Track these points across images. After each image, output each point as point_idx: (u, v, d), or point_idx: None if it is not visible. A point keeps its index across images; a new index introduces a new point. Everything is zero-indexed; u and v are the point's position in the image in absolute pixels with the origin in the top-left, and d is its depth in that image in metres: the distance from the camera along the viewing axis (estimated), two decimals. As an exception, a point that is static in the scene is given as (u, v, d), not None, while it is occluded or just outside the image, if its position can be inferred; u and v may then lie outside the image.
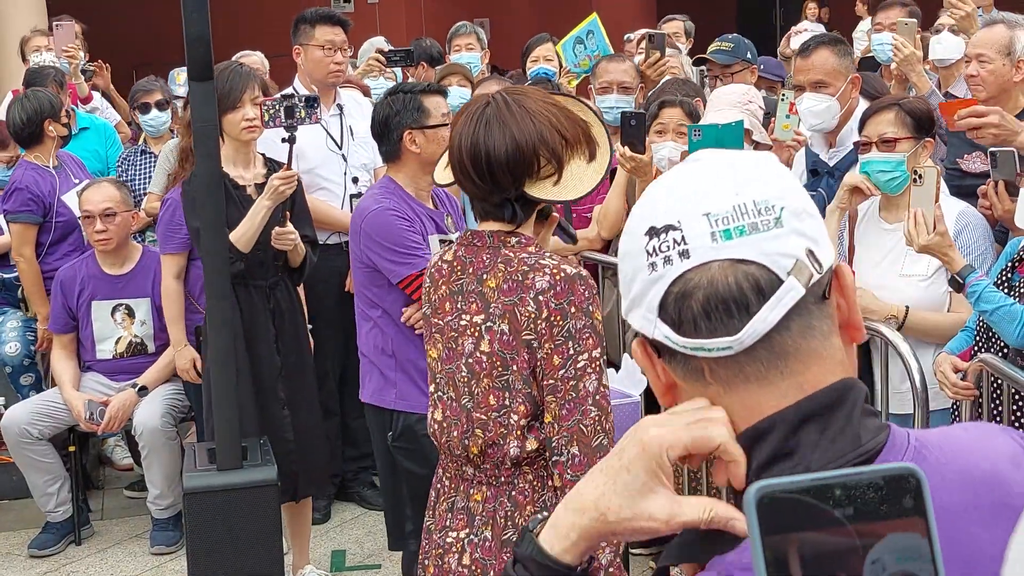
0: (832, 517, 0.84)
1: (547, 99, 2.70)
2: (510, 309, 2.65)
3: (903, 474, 0.87)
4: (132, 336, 5.46)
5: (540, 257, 2.65)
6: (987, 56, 4.69)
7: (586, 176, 2.65)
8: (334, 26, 5.69)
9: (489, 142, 2.62)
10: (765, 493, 0.84)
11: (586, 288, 2.61)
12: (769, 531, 0.83)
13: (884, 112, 3.98)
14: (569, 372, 2.60)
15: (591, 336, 2.60)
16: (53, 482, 5.41)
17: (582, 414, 2.60)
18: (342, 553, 5.31)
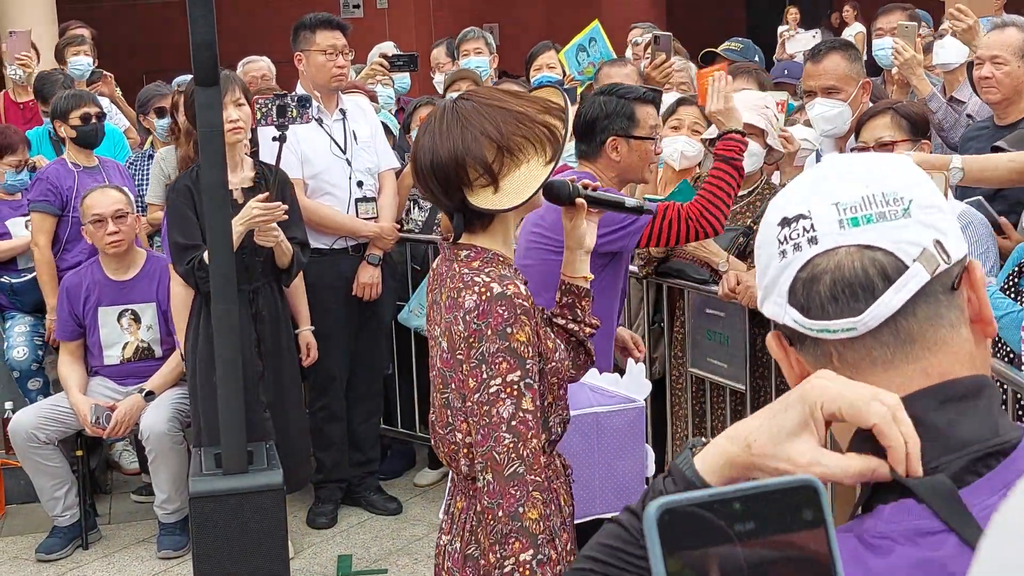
0: (733, 532, 0.83)
1: (500, 102, 2.61)
2: (448, 327, 2.62)
3: (801, 486, 0.86)
4: (139, 341, 5.47)
5: (476, 273, 2.59)
6: (1002, 58, 4.69)
7: (533, 178, 2.57)
8: (334, 30, 5.70)
9: (420, 154, 2.61)
10: (666, 509, 0.82)
11: (507, 309, 2.52)
12: (671, 548, 0.82)
13: (879, 116, 3.99)
14: (483, 397, 2.54)
15: (505, 360, 2.52)
16: (60, 486, 5.43)
17: (495, 440, 2.53)
18: (348, 558, 5.31)
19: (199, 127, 4.15)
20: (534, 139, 2.58)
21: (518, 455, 2.53)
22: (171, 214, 4.68)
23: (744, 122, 4.40)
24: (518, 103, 2.62)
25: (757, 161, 4.45)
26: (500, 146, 2.55)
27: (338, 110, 5.74)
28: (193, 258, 4.58)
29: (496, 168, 2.55)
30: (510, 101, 2.62)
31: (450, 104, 2.65)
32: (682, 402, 4.73)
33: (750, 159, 4.42)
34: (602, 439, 3.83)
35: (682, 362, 4.71)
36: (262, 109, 4.49)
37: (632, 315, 4.92)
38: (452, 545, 2.73)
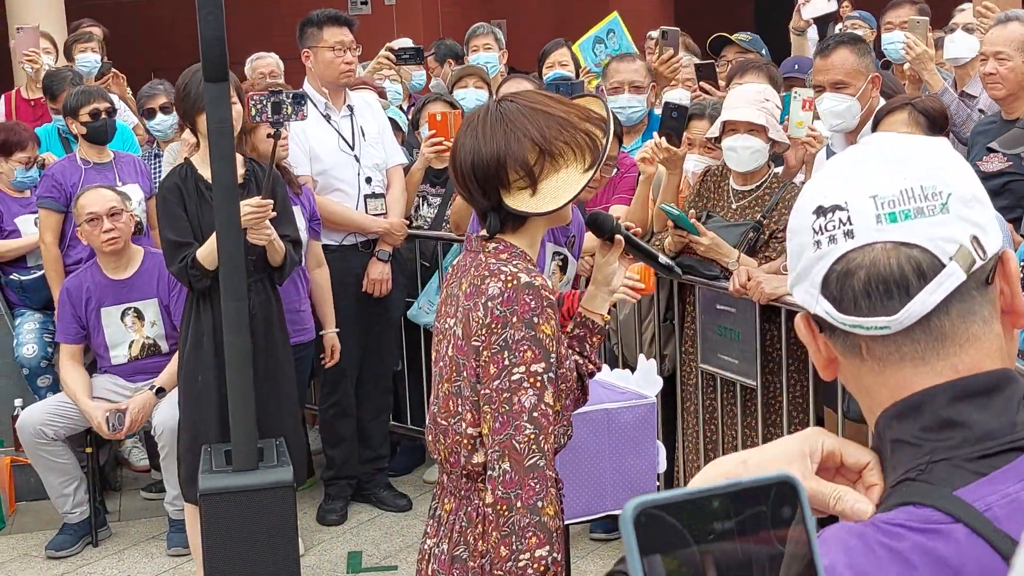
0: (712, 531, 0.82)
1: (544, 106, 2.61)
2: (467, 313, 2.59)
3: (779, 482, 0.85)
4: (144, 338, 5.46)
5: (504, 263, 2.58)
6: (1006, 54, 4.68)
7: (571, 184, 2.56)
8: (342, 26, 5.69)
9: (462, 153, 2.60)
10: (643, 510, 0.81)
11: (534, 299, 2.50)
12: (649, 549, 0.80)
13: (897, 112, 3.97)
14: (503, 384, 2.50)
15: (530, 349, 2.49)
16: (69, 483, 5.43)
17: (515, 429, 2.48)
18: (359, 554, 5.31)
19: (209, 123, 4.13)
20: (575, 145, 2.57)
21: (539, 447, 2.49)
22: (162, 212, 4.67)
23: (743, 119, 4.39)
24: (561, 109, 2.62)
25: (760, 157, 4.43)
26: (542, 149, 2.55)
27: (346, 106, 5.72)
28: (185, 256, 4.55)
29: (537, 171, 2.55)
30: (553, 106, 2.62)
31: (494, 105, 2.65)
32: (692, 398, 4.72)
33: (752, 155, 4.41)
34: (613, 435, 3.82)
35: (693, 358, 4.70)
36: (257, 106, 4.47)
37: (643, 312, 4.90)
38: (439, 547, 2.68)
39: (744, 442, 4.51)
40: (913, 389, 1.18)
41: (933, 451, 1.14)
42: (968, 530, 1.07)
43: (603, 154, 2.60)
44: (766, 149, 4.42)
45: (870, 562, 1.08)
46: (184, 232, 4.61)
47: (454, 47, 7.91)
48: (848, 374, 1.24)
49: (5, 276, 6.20)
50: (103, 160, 6.03)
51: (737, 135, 4.41)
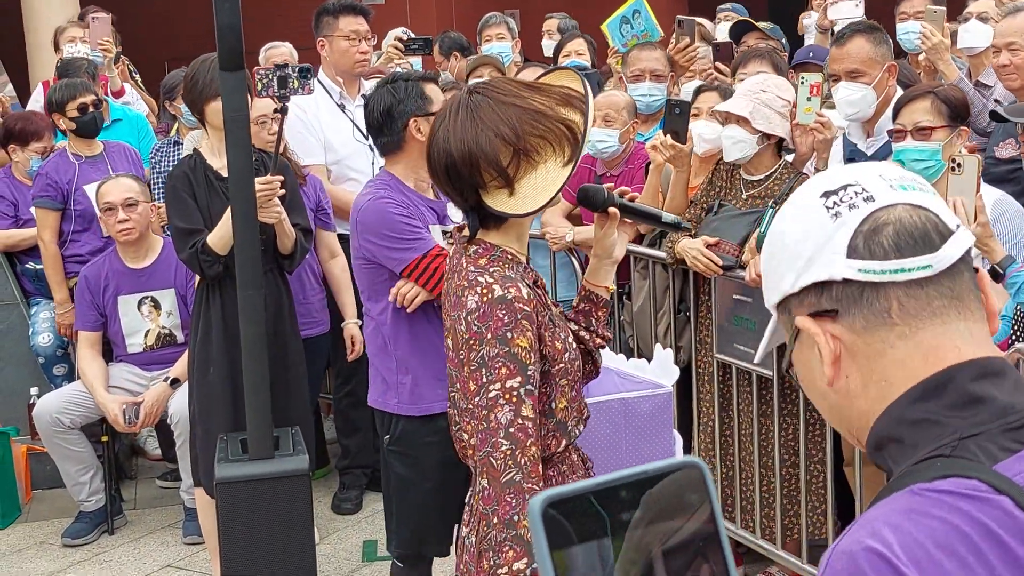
0: (620, 520, 0.81)
1: (516, 99, 2.48)
2: (453, 325, 2.56)
3: (685, 467, 0.85)
4: (160, 328, 5.47)
5: (481, 272, 2.50)
6: (1018, 44, 4.66)
7: (550, 182, 2.45)
8: (357, 16, 5.69)
9: (435, 151, 2.52)
10: (551, 503, 0.79)
11: (507, 313, 2.44)
12: (558, 543, 0.79)
13: (919, 100, 3.94)
14: (482, 401, 2.47)
15: (504, 365, 2.43)
16: (85, 471, 5.44)
17: (492, 446, 2.45)
18: (373, 543, 5.31)
19: (225, 111, 4.13)
20: (552, 139, 2.45)
21: (515, 463, 2.45)
22: (171, 200, 4.65)
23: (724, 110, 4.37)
24: (535, 98, 2.49)
25: (746, 147, 4.39)
26: (516, 148, 2.43)
27: (360, 96, 5.72)
28: (196, 242, 4.53)
29: (512, 171, 2.44)
30: (526, 96, 2.49)
31: (464, 98, 2.52)
32: (708, 388, 4.71)
33: (736, 145, 4.38)
34: (629, 425, 3.81)
35: (708, 348, 4.68)
36: (263, 80, 4.44)
37: (658, 303, 4.89)
38: (469, 539, 2.67)
39: (760, 432, 4.50)
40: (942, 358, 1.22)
41: (961, 428, 1.18)
42: (1013, 502, 1.10)
43: (583, 141, 2.48)
44: (753, 140, 4.37)
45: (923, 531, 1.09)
46: (194, 220, 4.58)
47: (459, 40, 7.87)
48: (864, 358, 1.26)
49: (21, 265, 6.23)
50: (94, 152, 6.02)
51: (728, 125, 4.41)
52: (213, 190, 4.61)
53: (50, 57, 8.23)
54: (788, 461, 4.46)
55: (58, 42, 7.76)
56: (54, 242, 5.89)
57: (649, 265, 4.92)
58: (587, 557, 0.80)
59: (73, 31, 7.82)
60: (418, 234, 3.76)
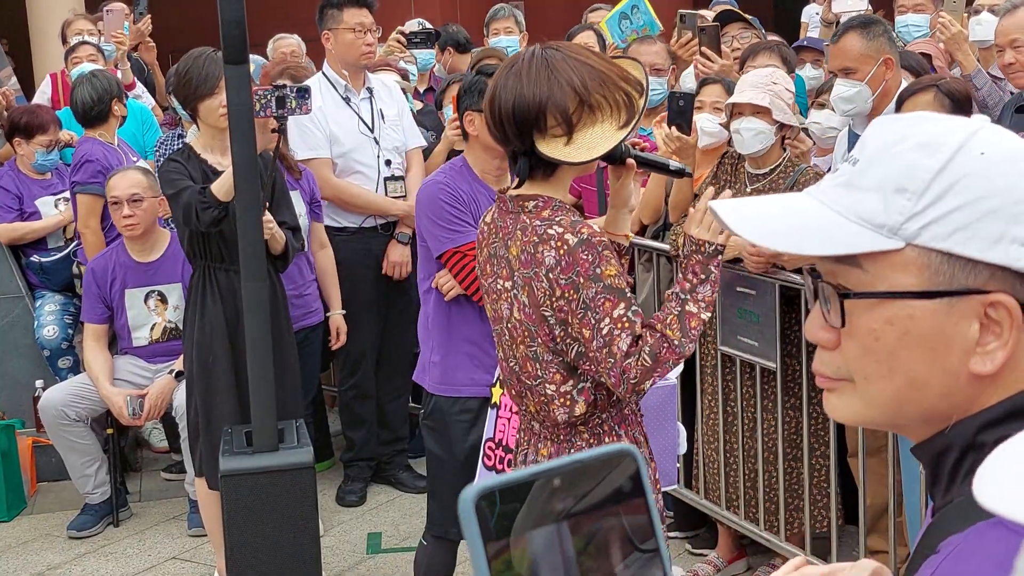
0: (554, 510, 0.80)
1: (586, 59, 2.66)
2: (528, 282, 2.68)
3: (619, 456, 0.83)
4: (166, 322, 5.48)
5: (549, 224, 2.64)
6: (1021, 40, 4.66)
7: (605, 139, 2.62)
8: (361, 8, 5.68)
9: (503, 94, 2.65)
10: (484, 494, 0.78)
11: (588, 252, 2.60)
12: (491, 534, 0.78)
13: (922, 94, 3.94)
14: (599, 342, 2.61)
15: (607, 299, 2.60)
16: (91, 464, 5.46)
17: (624, 371, 2.61)
18: (378, 535, 5.32)
19: (229, 104, 4.13)
20: (612, 102, 2.62)
21: (657, 355, 2.62)
22: (162, 181, 4.63)
23: (747, 101, 4.37)
24: (603, 64, 2.67)
25: (764, 138, 4.40)
26: (582, 99, 2.60)
27: (365, 89, 5.72)
28: (192, 189, 4.41)
29: (575, 119, 2.60)
30: (595, 60, 2.67)
31: (540, 50, 2.69)
32: (711, 380, 4.71)
33: (756, 137, 4.39)
34: (633, 417, 3.82)
35: (712, 340, 4.69)
36: (261, 100, 4.44)
37: (662, 295, 4.89)
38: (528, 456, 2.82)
39: (762, 425, 4.51)
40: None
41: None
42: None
43: (639, 115, 2.66)
44: (771, 131, 4.39)
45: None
46: (182, 182, 4.48)
47: (456, 35, 7.83)
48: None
49: (26, 258, 6.24)
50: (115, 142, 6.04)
51: (742, 118, 4.40)
52: (208, 181, 4.60)
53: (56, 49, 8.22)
54: (791, 454, 4.46)
55: (65, 35, 7.76)
56: (100, 230, 5.81)
57: (653, 258, 4.92)
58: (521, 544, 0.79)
59: (81, 24, 7.82)
60: (460, 225, 3.91)
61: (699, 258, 2.78)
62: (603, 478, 0.83)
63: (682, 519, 5.13)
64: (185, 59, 4.71)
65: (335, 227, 5.61)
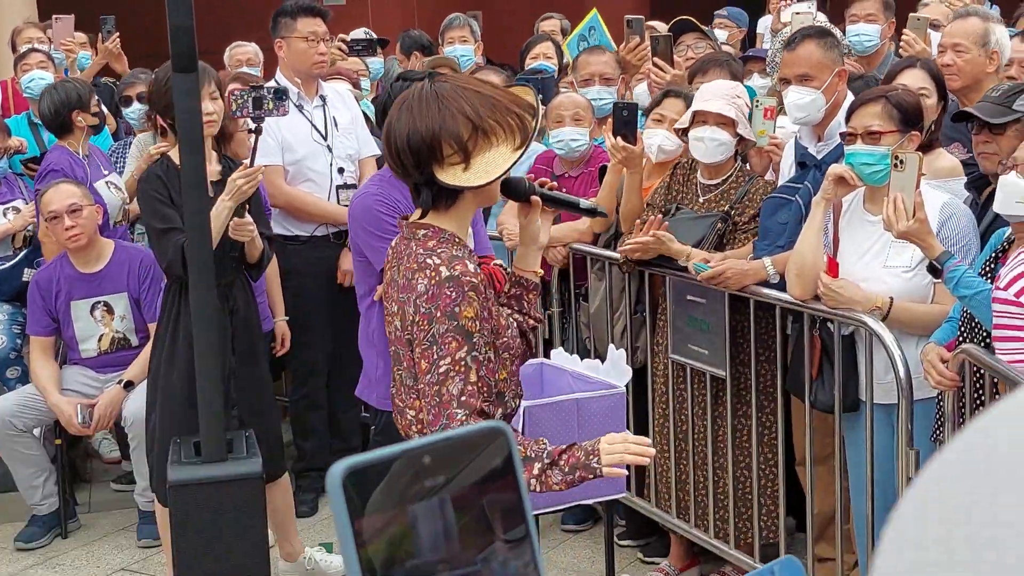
0: (424, 486, 0.80)
1: (475, 87, 2.74)
2: (402, 306, 2.73)
3: (491, 432, 0.83)
4: (114, 332, 5.44)
5: (430, 255, 2.69)
6: (963, 46, 4.73)
7: (502, 162, 2.68)
8: (315, 17, 5.68)
9: (397, 128, 2.70)
10: (352, 471, 0.77)
11: (454, 290, 2.62)
12: (360, 511, 0.77)
13: (871, 104, 3.97)
14: (433, 377, 2.64)
15: (454, 339, 2.62)
16: (39, 475, 5.40)
17: (448, 418, 2.62)
18: (329, 546, 5.29)
19: (176, 113, 4.11)
20: (505, 125, 2.68)
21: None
22: (145, 202, 4.60)
23: (715, 111, 4.40)
24: (491, 90, 2.76)
25: (726, 150, 4.44)
26: (475, 125, 2.65)
27: (318, 96, 5.71)
28: (178, 241, 4.45)
29: (470, 146, 2.65)
30: (484, 87, 2.76)
31: (427, 84, 2.75)
32: (663, 389, 4.73)
33: (719, 147, 4.42)
34: (583, 425, 3.82)
35: (664, 349, 4.70)
36: (237, 101, 4.43)
37: (615, 304, 4.91)
38: None
39: (714, 432, 4.53)
40: None
41: None
42: None
43: (532, 136, 2.72)
44: (732, 143, 4.45)
45: None
46: (171, 219, 4.50)
47: (420, 39, 7.88)
48: None
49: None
50: (87, 152, 5.98)
51: (706, 126, 4.42)
52: None
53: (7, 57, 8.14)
54: (742, 462, 4.48)
55: (15, 43, 7.69)
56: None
57: (605, 266, 4.93)
58: (390, 523, 0.79)
59: (31, 32, 7.76)
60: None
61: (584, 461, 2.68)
62: (475, 456, 0.82)
63: (634, 527, 5.14)
64: (164, 67, 4.66)
65: (287, 235, 5.58)
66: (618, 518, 5.15)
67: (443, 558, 0.80)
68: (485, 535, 0.83)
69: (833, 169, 3.94)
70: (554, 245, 5.14)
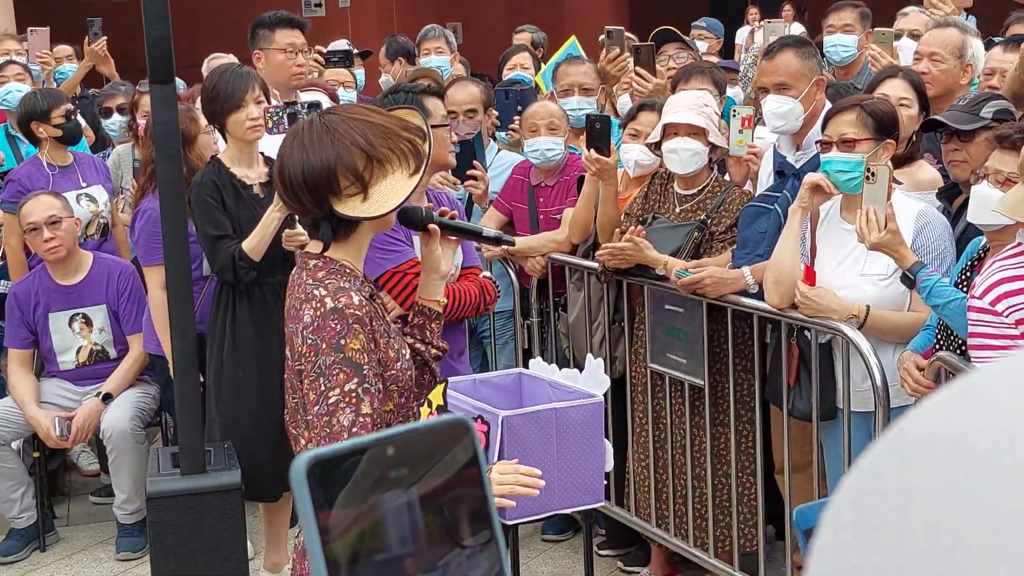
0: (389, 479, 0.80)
1: (364, 116, 2.73)
2: (291, 336, 2.73)
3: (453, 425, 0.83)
4: (92, 344, 5.42)
5: (316, 286, 2.68)
6: (940, 56, 4.76)
7: (400, 189, 2.68)
8: (293, 29, 5.69)
9: (291, 165, 2.69)
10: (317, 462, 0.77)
11: (339, 322, 2.62)
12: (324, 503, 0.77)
13: (846, 112, 3.99)
14: (323, 408, 2.63)
15: (342, 371, 2.62)
16: (16, 488, 5.38)
17: None
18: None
19: (153, 124, 4.12)
20: (398, 152, 2.68)
21: None
22: (198, 207, 4.61)
23: (685, 122, 4.43)
24: (381, 119, 2.74)
25: (700, 159, 4.47)
26: (369, 155, 2.65)
27: (297, 108, 5.71)
28: (231, 248, 4.52)
29: (367, 176, 2.65)
30: (373, 116, 2.74)
31: (316, 117, 2.76)
32: (641, 398, 4.74)
33: (693, 157, 4.45)
34: (561, 434, 3.83)
35: (642, 358, 4.71)
36: (273, 118, 4.54)
37: (593, 314, 4.92)
38: (299, 538, 2.84)
39: (692, 441, 4.54)
40: None
41: None
42: None
43: (427, 160, 2.73)
44: (706, 152, 4.47)
45: None
46: (223, 226, 4.60)
47: (406, 45, 7.93)
48: None
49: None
50: (66, 163, 5.97)
51: (678, 138, 4.45)
52: (240, 197, 4.63)
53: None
54: (720, 471, 4.49)
55: None
56: (20, 250, 5.77)
57: (584, 276, 4.94)
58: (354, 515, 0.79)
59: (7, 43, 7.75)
60: (395, 244, 3.90)
61: None
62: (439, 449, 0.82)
63: (614, 537, 5.15)
64: (211, 74, 4.80)
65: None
66: (598, 528, 5.15)
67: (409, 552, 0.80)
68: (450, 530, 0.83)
69: (809, 177, 3.97)
70: (532, 255, 5.15)
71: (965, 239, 3.92)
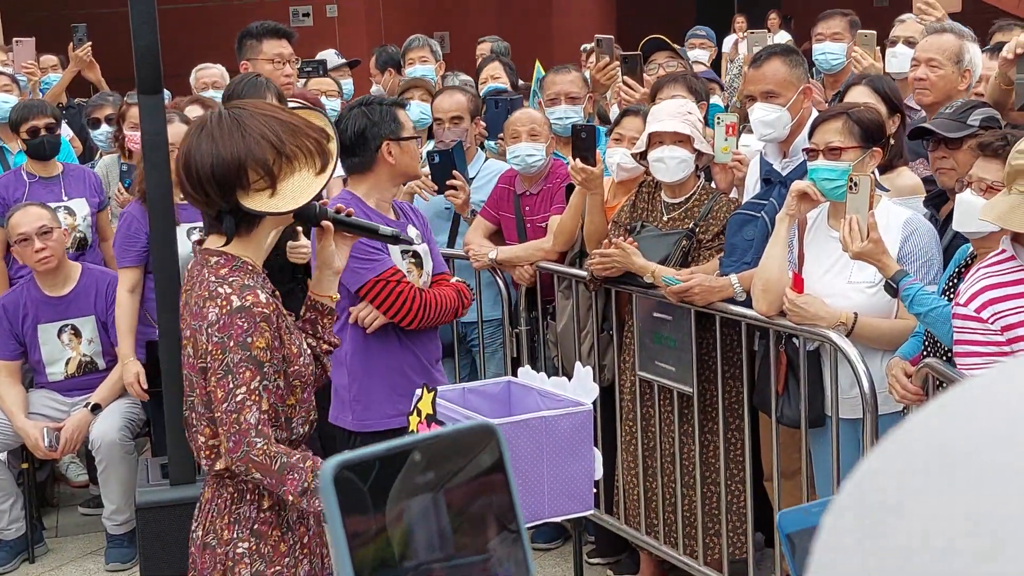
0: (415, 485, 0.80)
1: (271, 113, 2.76)
2: (194, 334, 2.75)
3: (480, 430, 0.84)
4: (81, 356, 5.42)
5: (221, 283, 2.70)
6: (938, 61, 4.75)
7: (308, 187, 2.70)
8: (280, 39, 5.70)
9: (199, 157, 2.69)
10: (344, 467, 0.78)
11: (246, 320, 2.66)
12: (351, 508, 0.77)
13: (832, 120, 4.01)
14: (231, 406, 2.68)
15: (247, 368, 2.67)
16: (5, 499, 5.36)
17: (248, 446, 2.68)
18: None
19: (142, 134, 4.12)
20: (305, 150, 2.71)
21: (275, 451, 2.69)
22: None
23: (671, 130, 4.44)
24: (288, 116, 2.78)
25: (687, 167, 4.48)
26: (279, 151, 2.67)
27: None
28: None
29: (276, 171, 2.68)
30: (281, 113, 2.79)
31: (225, 110, 2.77)
32: (630, 406, 4.74)
33: (680, 165, 4.46)
34: (551, 443, 3.83)
35: (631, 366, 4.72)
36: None
37: (581, 323, 4.92)
38: (195, 533, 2.90)
39: (681, 449, 4.54)
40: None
41: None
42: None
43: (334, 161, 2.76)
44: (692, 159, 4.48)
45: None
46: None
47: (395, 55, 7.96)
48: None
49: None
50: (50, 174, 5.96)
51: (664, 147, 4.46)
52: None
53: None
54: (709, 478, 4.50)
55: None
56: (2, 260, 5.79)
57: (572, 284, 4.95)
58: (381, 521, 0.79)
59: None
60: (375, 253, 3.94)
61: None
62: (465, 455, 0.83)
63: (604, 545, 5.15)
64: (230, 84, 4.77)
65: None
66: (588, 536, 5.16)
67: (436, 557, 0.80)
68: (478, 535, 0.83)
69: (796, 185, 3.98)
70: (520, 264, 5.16)
71: (953, 247, 3.93)
